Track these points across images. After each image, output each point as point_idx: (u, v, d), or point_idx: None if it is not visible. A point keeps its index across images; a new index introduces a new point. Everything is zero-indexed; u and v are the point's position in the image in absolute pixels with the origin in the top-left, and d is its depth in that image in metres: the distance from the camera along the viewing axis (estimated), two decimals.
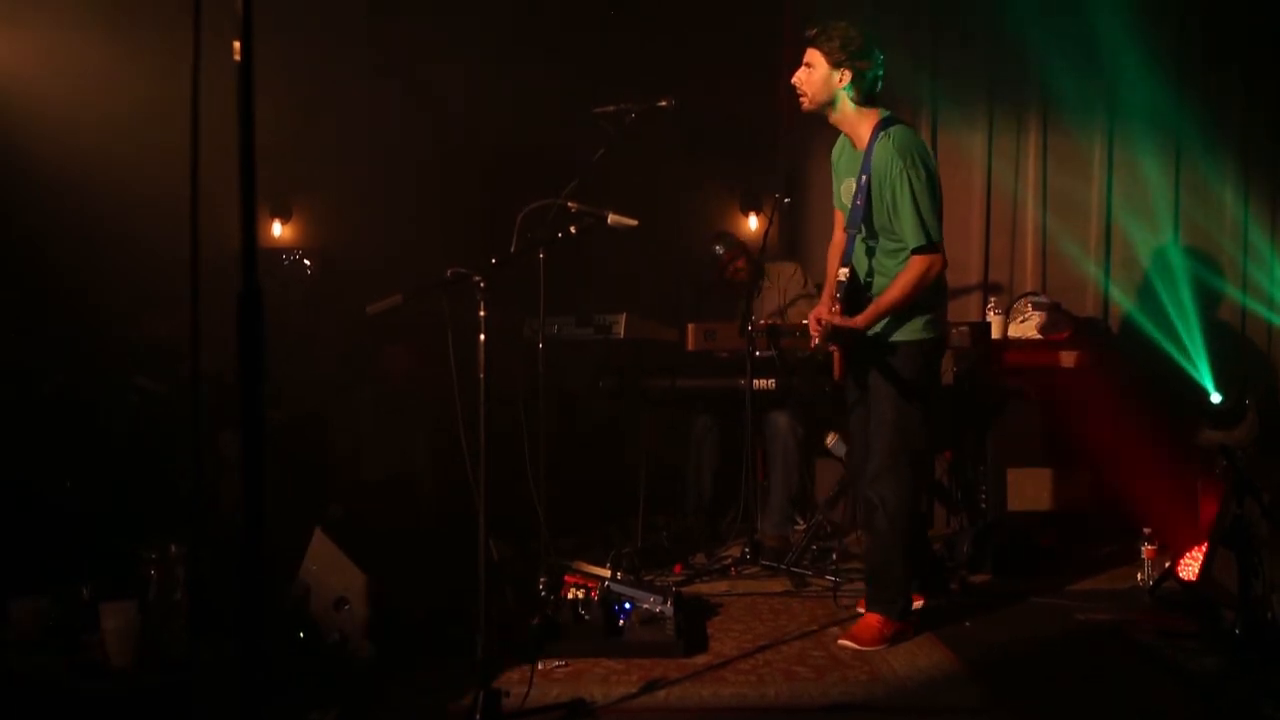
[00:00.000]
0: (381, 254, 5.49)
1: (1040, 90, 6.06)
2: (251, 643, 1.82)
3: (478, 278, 2.95)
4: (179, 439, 4.02)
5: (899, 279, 3.61)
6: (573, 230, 3.29)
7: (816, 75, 3.65)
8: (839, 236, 3.92)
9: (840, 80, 3.63)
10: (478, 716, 2.82)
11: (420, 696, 3.22)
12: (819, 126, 6.11)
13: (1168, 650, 3.65)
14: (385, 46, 5.85)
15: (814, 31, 3.64)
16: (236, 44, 1.75)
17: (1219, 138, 5.95)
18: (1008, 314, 5.46)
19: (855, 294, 3.72)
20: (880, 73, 3.68)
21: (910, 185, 3.51)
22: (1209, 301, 5.96)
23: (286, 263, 5.21)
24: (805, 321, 3.94)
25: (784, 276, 5.52)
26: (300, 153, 5.40)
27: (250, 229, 1.82)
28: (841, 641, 3.76)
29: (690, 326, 4.94)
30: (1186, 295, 5.86)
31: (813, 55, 3.65)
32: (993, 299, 5.77)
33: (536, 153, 4.65)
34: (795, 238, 6.13)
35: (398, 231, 5.68)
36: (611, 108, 3.83)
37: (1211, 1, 5.94)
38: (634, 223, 3.41)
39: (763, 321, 4.86)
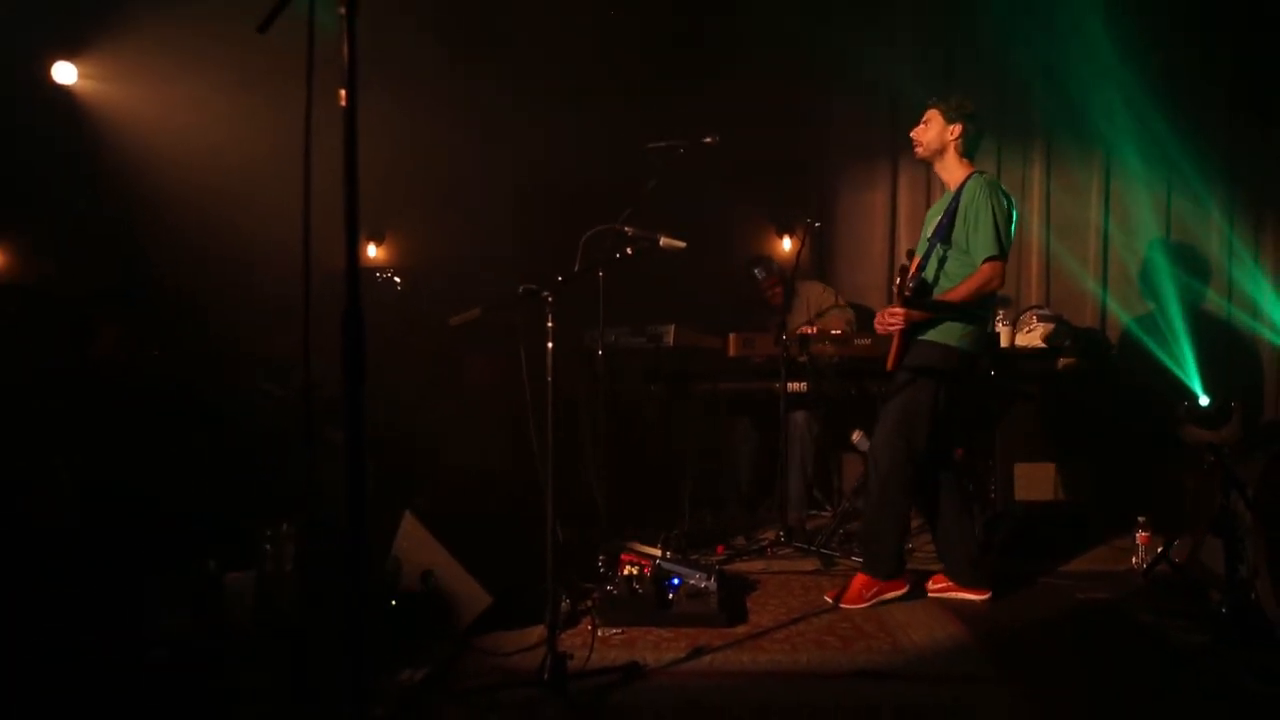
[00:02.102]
0: (462, 272, 5.54)
1: (1043, 127, 6.10)
2: (354, 609, 1.89)
3: (546, 293, 2.99)
4: (292, 434, 4.09)
5: (968, 280, 3.81)
6: (629, 252, 3.32)
7: (933, 129, 3.95)
8: (915, 263, 4.05)
9: (952, 134, 3.91)
10: (547, 676, 2.88)
11: (496, 659, 3.26)
12: (847, 160, 6.22)
13: (1160, 627, 3.64)
14: (466, 95, 5.91)
15: (934, 98, 3.97)
16: (342, 93, 1.82)
17: (1206, 161, 5.89)
18: (1015, 325, 5.43)
19: (923, 291, 3.93)
20: (980, 134, 4.00)
21: (993, 210, 3.80)
22: (1197, 312, 5.91)
23: (379, 280, 5.28)
24: (835, 332, 4.01)
25: (813, 293, 5.55)
26: (392, 183, 5.49)
27: (353, 257, 1.89)
28: (826, 597, 3.93)
29: (731, 336, 4.96)
30: (1176, 307, 5.82)
31: (931, 114, 3.97)
32: (1001, 312, 5.72)
33: (596, 184, 4.69)
34: (824, 257, 6.16)
35: (476, 253, 5.74)
36: (662, 144, 3.86)
37: (1194, 26, 5.88)
38: (683, 245, 3.43)
39: (795, 331, 4.88)
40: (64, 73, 5.95)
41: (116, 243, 5.58)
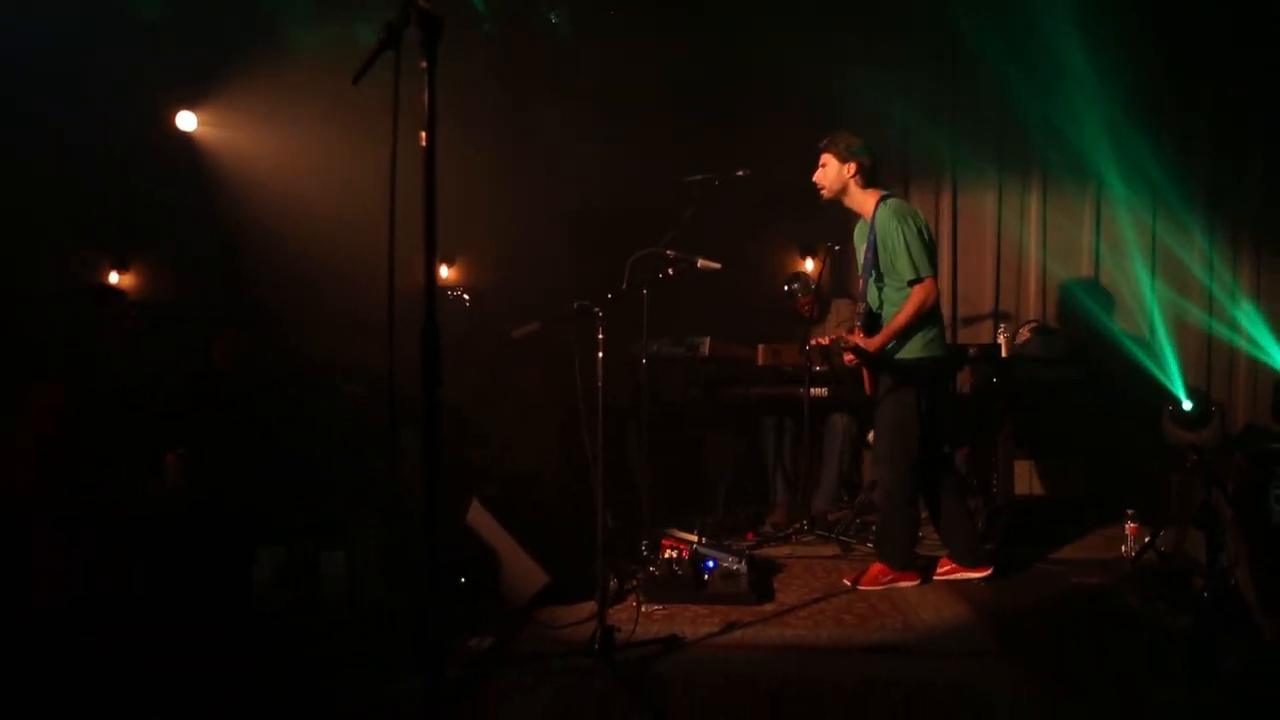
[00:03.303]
0: (522, 291, 5.56)
1: (1041, 157, 6.02)
2: (430, 585, 1.89)
3: (597, 309, 2.99)
4: (376, 433, 4.13)
5: (904, 307, 3.70)
6: (670, 272, 3.31)
7: (830, 171, 3.82)
8: (861, 287, 3.96)
9: (849, 171, 3.78)
10: (597, 646, 2.87)
11: (552, 630, 3.27)
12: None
13: (1147, 610, 3.55)
14: (526, 134, 5.93)
15: (824, 141, 3.83)
16: (423, 135, 1.83)
17: (1189, 189, 5.80)
18: (1014, 337, 5.36)
19: (872, 322, 3.84)
20: (876, 163, 3.85)
21: (904, 235, 3.66)
22: (1180, 325, 5.81)
23: (450, 298, 5.31)
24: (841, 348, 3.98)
25: (842, 309, 5.50)
26: (463, 211, 5.52)
27: (431, 280, 1.89)
28: (845, 580, 3.87)
29: (760, 346, 4.92)
30: (1161, 321, 5.73)
31: (826, 157, 3.84)
32: (1003, 325, 5.69)
33: (641, 212, 4.68)
34: (843, 276, 6.09)
35: (535, 273, 5.73)
36: (700, 176, 3.84)
37: (1178, 68, 5.79)
38: (718, 266, 3.42)
39: (814, 341, 4.84)
40: (186, 121, 6.08)
41: (227, 267, 5.69)
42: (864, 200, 3.84)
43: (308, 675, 2.84)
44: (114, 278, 6.09)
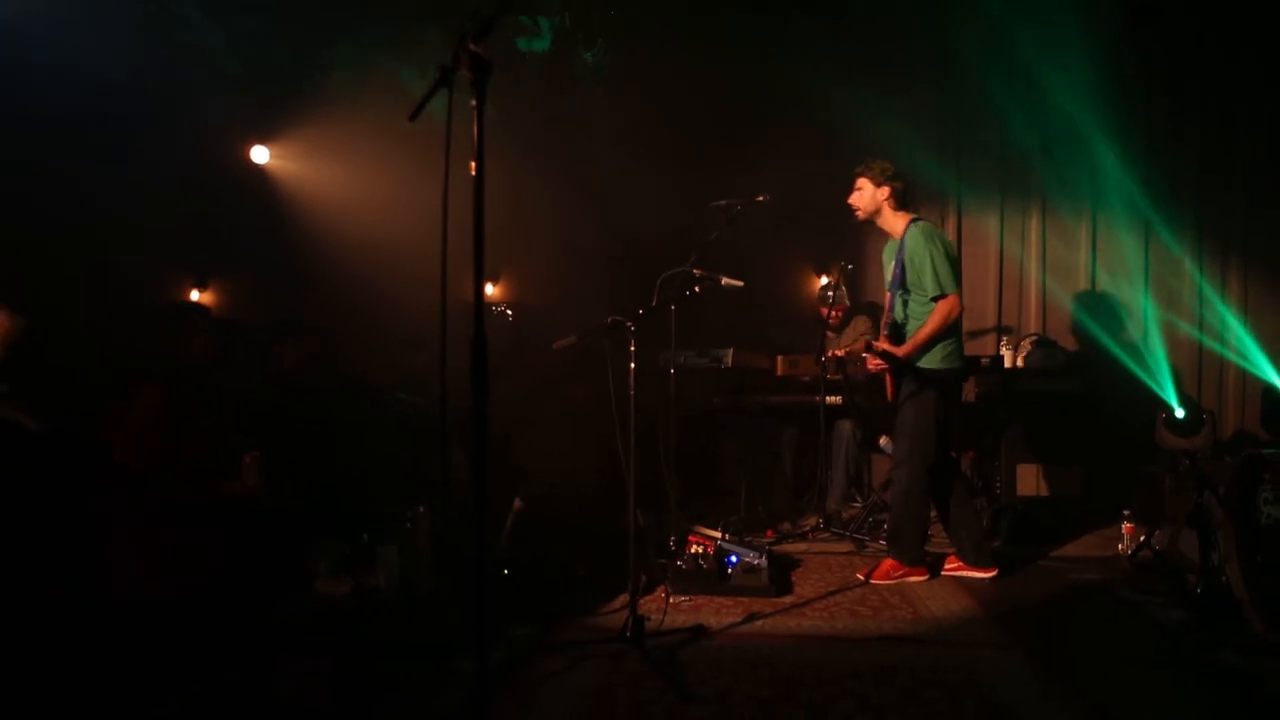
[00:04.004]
0: (561, 306, 5.60)
1: (1040, 182, 5.99)
2: (479, 576, 1.90)
3: (629, 323, 3.01)
4: (428, 436, 4.16)
5: (929, 319, 3.69)
6: (696, 289, 3.32)
7: (865, 194, 3.83)
8: (888, 300, 3.94)
9: (883, 194, 3.79)
10: (629, 633, 2.88)
11: (589, 617, 3.28)
12: None
13: (1143, 604, 3.50)
14: (564, 161, 5.97)
15: (860, 166, 3.85)
16: (472, 165, 1.86)
17: (1178, 213, 5.76)
18: (1016, 349, 5.31)
19: (896, 333, 3.83)
20: (908, 187, 3.87)
21: (931, 255, 3.66)
22: (1172, 339, 5.75)
23: (495, 313, 5.34)
24: (864, 354, 3.95)
25: (859, 324, 5.50)
26: (506, 233, 5.57)
27: (479, 294, 1.92)
28: (859, 575, 3.84)
29: (779, 358, 4.92)
30: (1154, 335, 5.67)
31: (861, 181, 3.85)
32: (1005, 338, 5.63)
33: (670, 234, 4.70)
34: (855, 293, 6.07)
35: (572, 290, 5.77)
36: (723, 202, 3.85)
37: (1168, 100, 5.75)
38: (740, 284, 3.42)
39: (830, 353, 4.82)
40: (259, 155, 6.21)
41: (295, 285, 5.78)
42: (895, 222, 3.85)
43: (365, 656, 2.87)
44: (195, 295, 6.22)
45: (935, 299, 3.67)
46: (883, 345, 3.78)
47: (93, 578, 2.77)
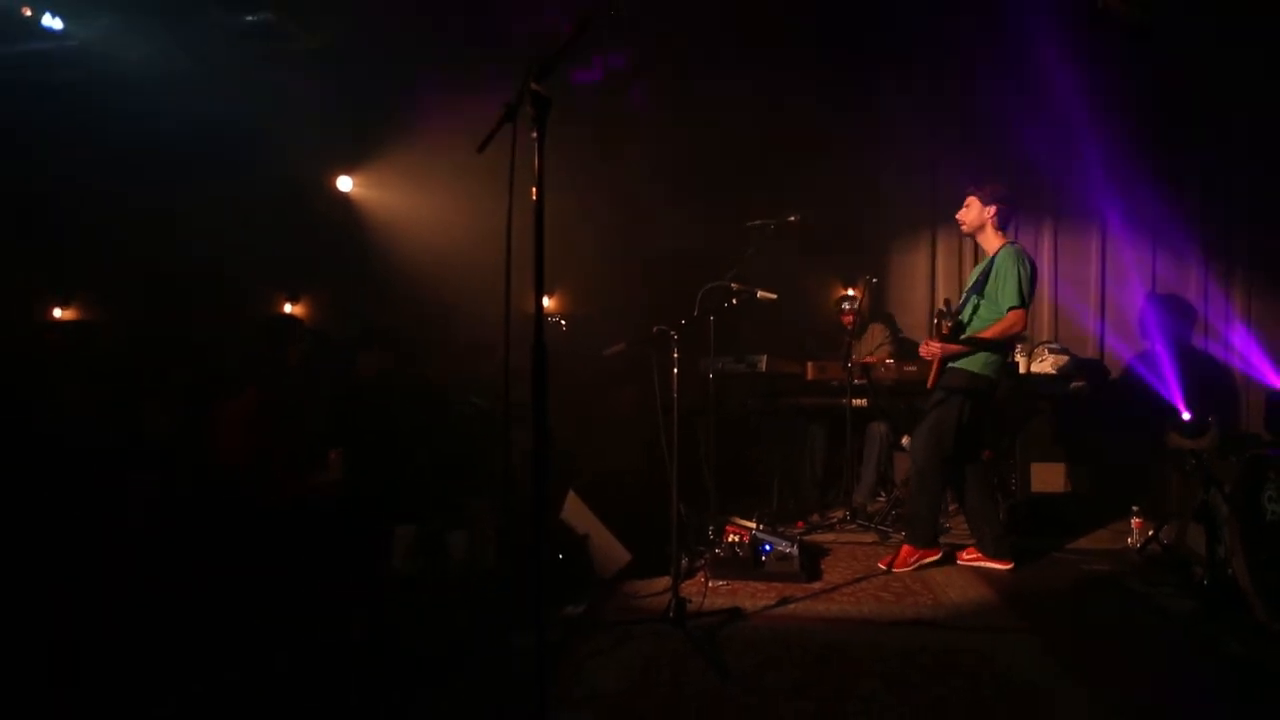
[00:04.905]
0: (610, 317, 5.60)
1: (1052, 199, 5.83)
2: (536, 560, 1.92)
3: (673, 333, 3.00)
4: (494, 435, 4.20)
5: (998, 323, 3.66)
6: (734, 301, 3.31)
7: (973, 211, 3.81)
8: (961, 301, 3.91)
9: (989, 213, 3.76)
10: (671, 614, 2.86)
11: (635, 600, 3.27)
12: (896, 229, 6.10)
13: (1152, 595, 3.38)
14: (614, 183, 5.96)
15: (973, 185, 3.83)
16: (534, 190, 1.88)
17: (1185, 224, 5.56)
18: (1030, 356, 5.18)
19: (958, 331, 3.77)
20: (1012, 211, 3.83)
21: (1018, 272, 3.63)
22: (1180, 345, 5.53)
23: (549, 323, 5.37)
24: (889, 362, 3.91)
25: (876, 332, 5.42)
26: (561, 249, 5.59)
27: (540, 306, 1.94)
28: (880, 564, 3.75)
29: (809, 363, 4.85)
30: (1162, 342, 5.48)
31: (971, 199, 3.82)
32: (1020, 346, 5.49)
33: (710, 250, 4.69)
34: (879, 303, 5.98)
35: (621, 301, 5.75)
36: (758, 221, 3.83)
37: (1172, 115, 5.55)
38: (774, 296, 3.40)
39: (855, 359, 4.77)
40: (344, 183, 6.36)
41: (375, 299, 5.90)
42: (993, 240, 3.81)
43: (435, 631, 2.90)
44: (288, 308, 6.39)
45: (1011, 309, 3.63)
46: (945, 332, 3.73)
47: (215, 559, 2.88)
